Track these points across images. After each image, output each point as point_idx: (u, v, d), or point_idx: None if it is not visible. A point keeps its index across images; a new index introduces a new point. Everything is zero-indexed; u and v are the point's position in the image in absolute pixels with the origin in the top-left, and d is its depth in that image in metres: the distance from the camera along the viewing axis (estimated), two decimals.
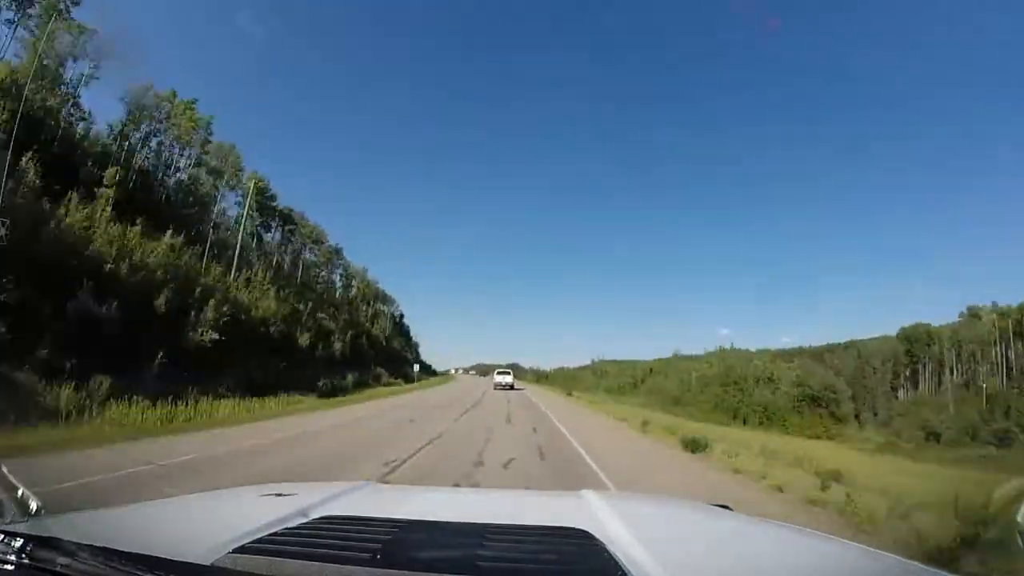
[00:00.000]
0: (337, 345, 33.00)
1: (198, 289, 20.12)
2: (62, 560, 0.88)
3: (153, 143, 28.72)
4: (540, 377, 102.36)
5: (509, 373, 43.95)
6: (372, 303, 49.72)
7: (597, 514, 1.39)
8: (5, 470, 1.19)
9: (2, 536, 0.93)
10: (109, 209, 19.16)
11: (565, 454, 11.20)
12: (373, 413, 18.40)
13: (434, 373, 77.55)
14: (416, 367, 49.66)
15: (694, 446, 12.73)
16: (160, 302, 17.38)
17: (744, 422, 35.89)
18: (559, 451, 11.57)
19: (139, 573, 0.84)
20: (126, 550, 0.89)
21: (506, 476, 8.34)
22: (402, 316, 64.67)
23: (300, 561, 0.85)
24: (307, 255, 40.17)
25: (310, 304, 32.80)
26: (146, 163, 28.08)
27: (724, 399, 39.85)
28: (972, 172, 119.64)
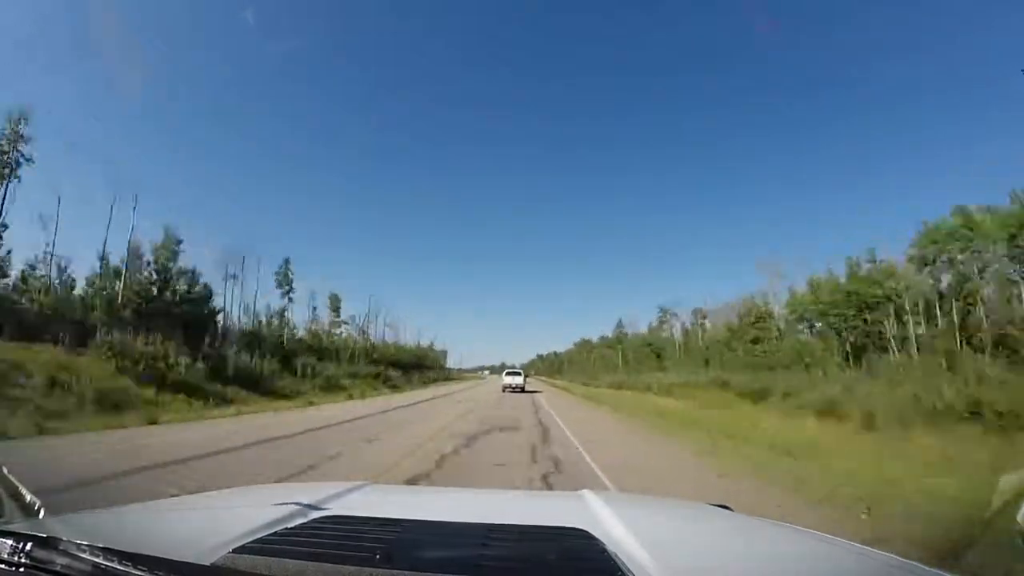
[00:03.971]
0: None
1: None
2: (62, 560, 0.88)
3: None
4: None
5: (520, 373, 39.03)
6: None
7: (597, 514, 1.38)
8: (5, 470, 1.19)
9: (2, 536, 0.93)
10: None
11: None
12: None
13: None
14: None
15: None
16: None
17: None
18: None
19: (139, 573, 0.84)
20: (126, 550, 0.88)
21: None
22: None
23: (300, 561, 0.85)
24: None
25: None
26: None
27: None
28: None
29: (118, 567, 0.85)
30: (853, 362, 21.41)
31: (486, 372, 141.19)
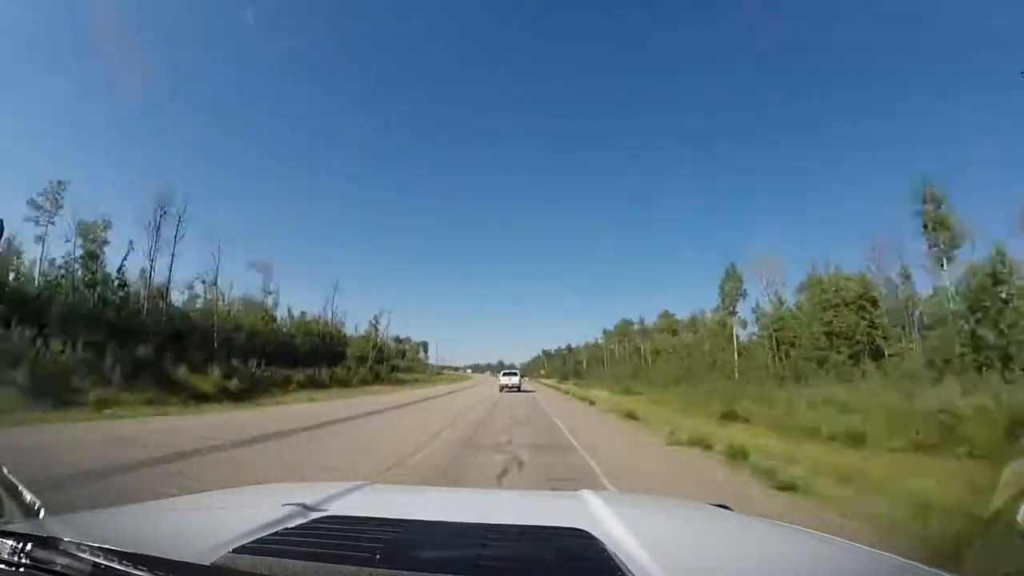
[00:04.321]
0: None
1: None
2: (62, 560, 0.88)
3: None
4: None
5: (516, 374, 42.64)
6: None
7: (597, 514, 1.38)
8: (5, 470, 1.19)
9: (2, 536, 0.93)
10: None
11: None
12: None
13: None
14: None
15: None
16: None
17: None
18: None
19: (139, 573, 0.84)
20: (126, 550, 0.88)
21: None
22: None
23: (300, 561, 0.85)
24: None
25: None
26: None
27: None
28: None
29: (118, 567, 0.85)
30: None
31: (469, 370, 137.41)
